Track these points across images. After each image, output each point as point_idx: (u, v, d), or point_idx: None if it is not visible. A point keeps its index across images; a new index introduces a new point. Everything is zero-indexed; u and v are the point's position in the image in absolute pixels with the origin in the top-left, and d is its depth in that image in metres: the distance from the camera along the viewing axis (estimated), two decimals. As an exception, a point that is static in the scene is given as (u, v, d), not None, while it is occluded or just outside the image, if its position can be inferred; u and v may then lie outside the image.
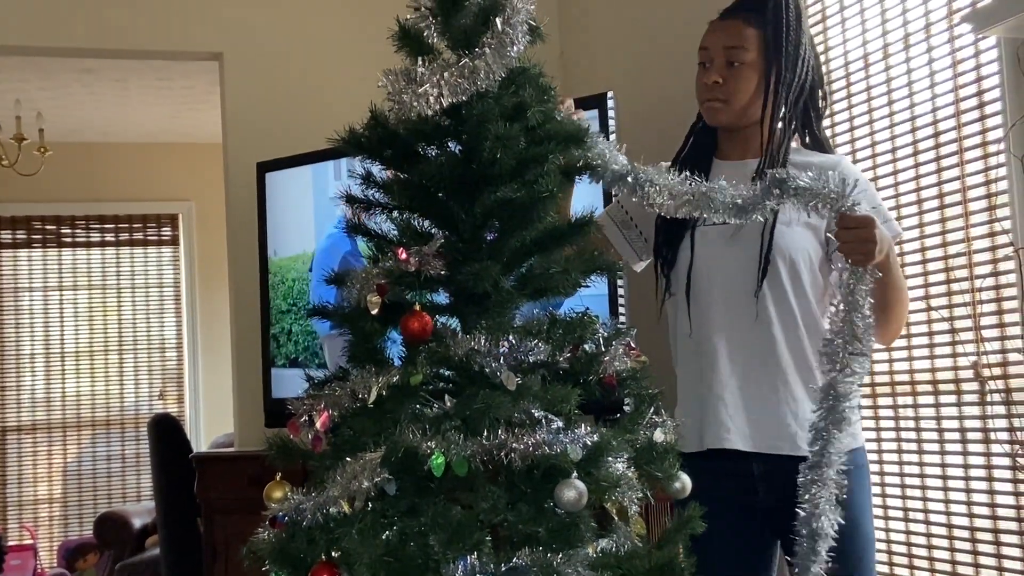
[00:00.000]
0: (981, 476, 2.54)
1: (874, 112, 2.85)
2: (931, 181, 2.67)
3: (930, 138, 2.67)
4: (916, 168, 2.71)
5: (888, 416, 2.82)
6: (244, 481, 3.50)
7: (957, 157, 2.59)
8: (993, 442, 2.51)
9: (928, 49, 2.67)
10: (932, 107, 2.66)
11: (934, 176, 2.66)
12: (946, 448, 2.65)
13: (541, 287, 1.89)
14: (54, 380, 7.39)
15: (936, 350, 2.67)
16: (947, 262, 2.63)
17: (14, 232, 7.38)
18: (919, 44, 2.70)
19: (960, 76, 2.58)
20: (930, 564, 2.69)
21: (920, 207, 2.70)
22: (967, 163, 2.56)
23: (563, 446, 1.66)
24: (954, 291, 2.60)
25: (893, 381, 2.80)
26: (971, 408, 2.58)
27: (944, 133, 2.63)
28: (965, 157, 2.57)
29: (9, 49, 4.42)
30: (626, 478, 1.72)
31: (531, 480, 1.67)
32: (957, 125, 2.58)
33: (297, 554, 1.71)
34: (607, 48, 4.13)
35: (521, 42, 1.81)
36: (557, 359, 1.82)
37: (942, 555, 2.65)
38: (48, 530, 7.27)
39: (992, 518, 2.51)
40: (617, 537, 1.77)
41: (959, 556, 2.61)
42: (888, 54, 2.81)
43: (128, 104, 6.48)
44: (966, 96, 2.56)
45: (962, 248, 2.57)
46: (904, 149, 2.75)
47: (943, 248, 2.64)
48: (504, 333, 1.79)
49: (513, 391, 1.72)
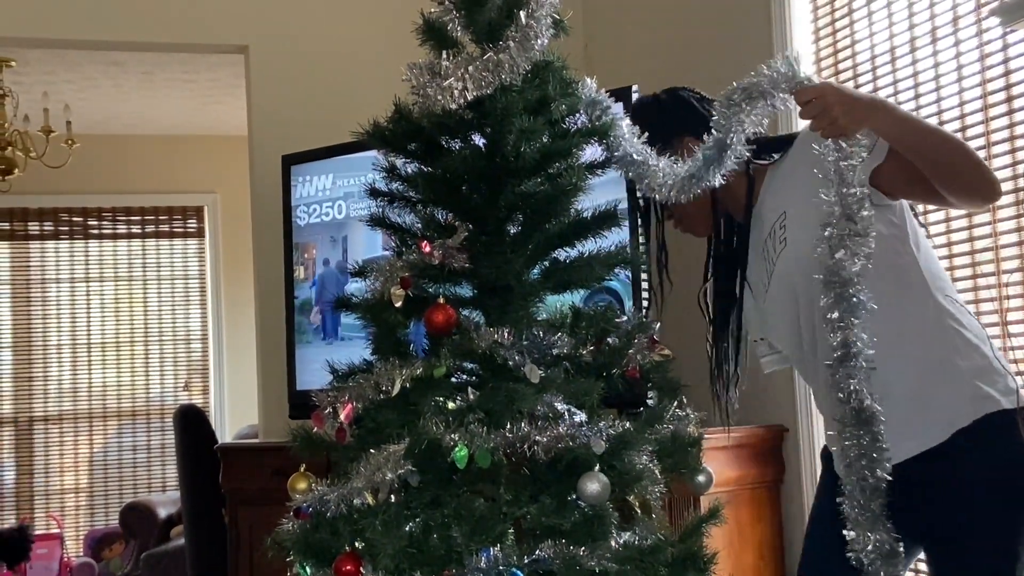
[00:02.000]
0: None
1: (902, 106, 2.83)
2: (958, 175, 2.65)
3: (957, 132, 2.65)
4: (943, 162, 2.69)
5: (913, 411, 2.81)
6: (268, 472, 3.51)
7: (984, 151, 2.57)
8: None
9: (956, 43, 2.65)
10: (959, 101, 2.65)
11: (961, 170, 2.64)
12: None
13: (565, 280, 1.89)
14: (80, 371, 7.44)
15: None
16: (974, 257, 2.61)
17: (41, 224, 7.43)
18: (947, 38, 2.69)
19: (988, 70, 2.56)
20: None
21: (946, 201, 2.69)
22: (994, 157, 2.55)
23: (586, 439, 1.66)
24: (980, 286, 2.59)
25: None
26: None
27: (971, 127, 2.61)
28: (992, 151, 2.55)
29: (37, 42, 4.45)
30: (649, 471, 1.73)
31: (554, 473, 1.67)
32: (985, 119, 2.57)
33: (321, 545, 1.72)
34: (632, 41, 4.12)
35: (545, 35, 1.81)
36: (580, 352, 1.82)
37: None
38: (74, 519, 7.33)
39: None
40: (640, 530, 1.77)
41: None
42: (915, 47, 2.79)
43: (154, 97, 6.51)
44: (994, 90, 2.54)
45: (989, 243, 2.56)
46: (931, 143, 2.73)
47: (970, 243, 2.63)
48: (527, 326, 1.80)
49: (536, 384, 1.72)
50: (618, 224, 1.89)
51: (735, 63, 3.46)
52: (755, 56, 3.27)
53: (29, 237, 7.42)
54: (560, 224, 1.87)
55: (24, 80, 5.83)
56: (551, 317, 1.87)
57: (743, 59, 3.40)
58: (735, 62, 3.44)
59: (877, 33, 2.93)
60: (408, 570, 1.64)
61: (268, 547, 1.81)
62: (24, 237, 7.41)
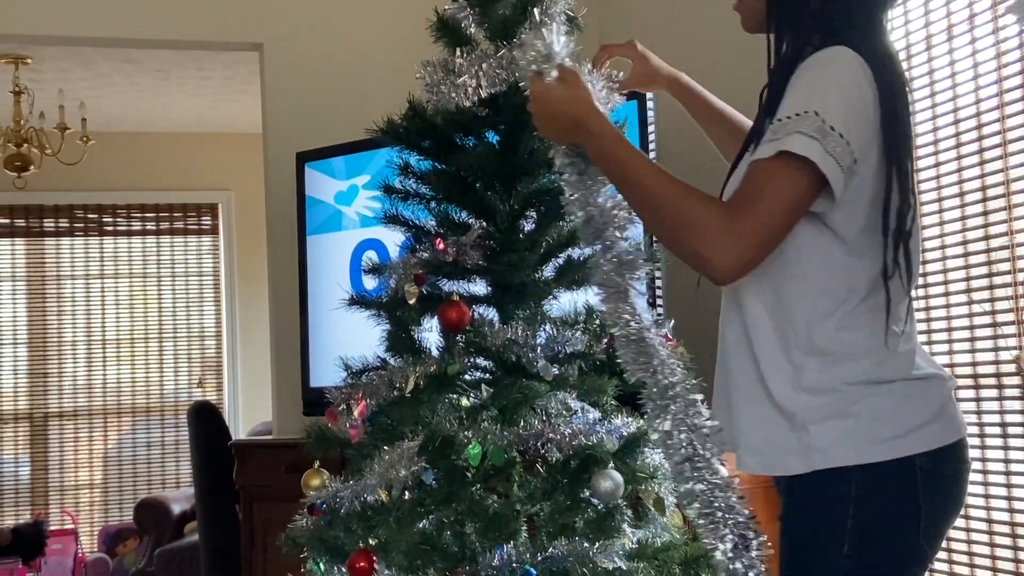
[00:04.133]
0: (1022, 471, 2.52)
1: (917, 104, 2.82)
2: (974, 173, 2.64)
3: (973, 130, 2.64)
4: (959, 160, 2.68)
5: (928, 410, 2.80)
6: (282, 469, 3.52)
7: (1000, 149, 2.56)
8: (1034, 437, 2.48)
9: (972, 40, 2.64)
10: (975, 99, 2.63)
11: (977, 168, 2.63)
12: (987, 443, 2.62)
13: (579, 277, 1.89)
14: (95, 367, 7.47)
15: (977, 343, 2.64)
16: (989, 255, 2.60)
17: (57, 220, 7.45)
18: (962, 36, 2.67)
19: (1004, 68, 2.55)
20: (969, 559, 2.66)
21: (962, 199, 2.68)
22: (1011, 155, 2.54)
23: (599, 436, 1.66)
24: (996, 284, 2.58)
25: (933, 375, 2.78)
26: (1013, 403, 2.56)
27: (987, 125, 2.60)
28: (1009, 149, 2.54)
29: (53, 40, 4.47)
30: (662, 468, 1.72)
31: (567, 470, 1.67)
32: (1001, 117, 2.55)
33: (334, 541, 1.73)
34: (647, 40, 4.10)
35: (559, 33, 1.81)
36: (594, 349, 1.82)
37: (982, 550, 2.63)
38: (89, 515, 7.36)
39: (1033, 514, 2.49)
40: (653, 528, 1.77)
41: (999, 552, 2.58)
42: (931, 45, 2.78)
43: (168, 94, 6.53)
44: (1010, 88, 2.53)
45: (1005, 241, 2.55)
46: (947, 141, 2.72)
47: (985, 241, 2.61)
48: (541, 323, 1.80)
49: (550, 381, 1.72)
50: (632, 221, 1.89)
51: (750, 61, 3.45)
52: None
53: (44, 234, 7.44)
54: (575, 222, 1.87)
55: (40, 77, 5.85)
56: (565, 314, 1.87)
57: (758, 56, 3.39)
58: (750, 60, 3.43)
59: (893, 31, 2.91)
60: (421, 567, 1.64)
61: (282, 543, 1.82)
62: (39, 234, 7.44)
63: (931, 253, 2.77)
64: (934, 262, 2.76)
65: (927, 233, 2.77)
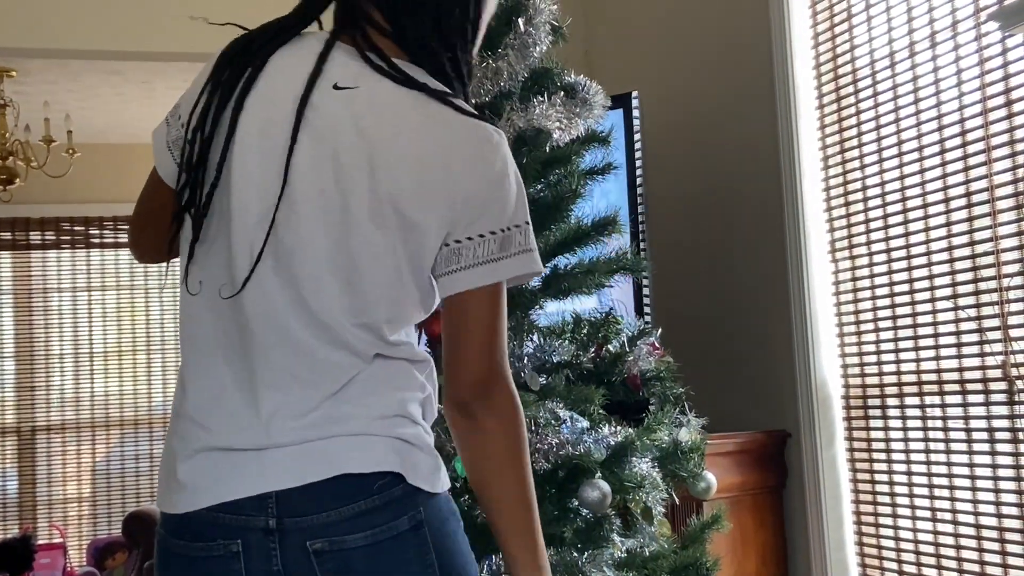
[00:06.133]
0: (1009, 476, 2.52)
1: (901, 111, 2.84)
2: (959, 180, 2.65)
3: (957, 136, 2.65)
4: (943, 167, 2.70)
5: (915, 416, 2.81)
6: (270, 480, 3.51)
7: (984, 156, 2.57)
8: (1022, 442, 2.49)
9: (955, 47, 2.66)
10: (959, 105, 2.65)
11: (961, 175, 2.64)
12: (974, 448, 2.63)
13: (566, 287, 1.89)
14: (83, 380, 7.44)
15: (964, 349, 2.65)
16: (974, 261, 2.61)
17: (43, 233, 7.43)
18: (946, 43, 2.69)
19: (987, 75, 2.56)
20: (958, 564, 2.67)
21: (947, 205, 2.69)
22: (994, 161, 2.55)
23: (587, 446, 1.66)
24: (982, 290, 2.59)
25: (920, 380, 2.79)
26: (999, 407, 2.57)
27: (971, 132, 2.61)
28: (992, 155, 2.55)
29: (38, 52, 4.45)
30: (650, 478, 1.73)
31: (555, 480, 1.67)
32: (984, 123, 2.57)
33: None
34: (632, 47, 4.12)
35: (544, 42, 1.82)
36: (581, 359, 1.83)
37: (970, 555, 2.63)
38: (77, 529, 7.32)
39: (1021, 518, 2.49)
40: (642, 537, 1.77)
41: (987, 556, 2.59)
42: (914, 52, 2.79)
43: (155, 106, 6.51)
44: (993, 94, 2.54)
45: (990, 247, 2.56)
46: (931, 148, 2.73)
47: (970, 247, 2.62)
48: (528, 333, 1.80)
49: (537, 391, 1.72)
50: (618, 230, 1.89)
51: (734, 69, 3.47)
52: (754, 62, 3.29)
53: (31, 246, 7.42)
54: (560, 231, 1.87)
55: (25, 90, 5.83)
56: (552, 324, 1.87)
57: (742, 65, 3.41)
58: (734, 68, 3.45)
59: (876, 38, 2.93)
60: (410, 578, 1.63)
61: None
62: (26, 247, 7.41)
63: (917, 259, 2.78)
64: (920, 268, 2.77)
65: (914, 239, 2.78)
